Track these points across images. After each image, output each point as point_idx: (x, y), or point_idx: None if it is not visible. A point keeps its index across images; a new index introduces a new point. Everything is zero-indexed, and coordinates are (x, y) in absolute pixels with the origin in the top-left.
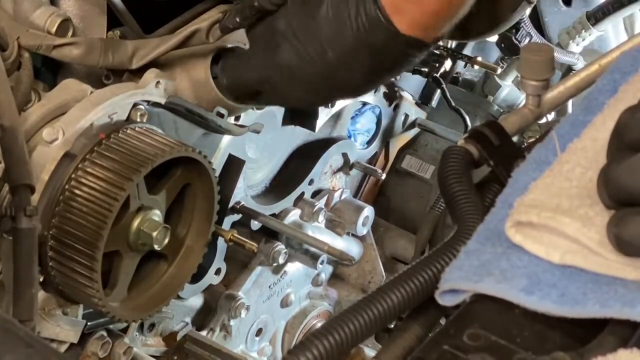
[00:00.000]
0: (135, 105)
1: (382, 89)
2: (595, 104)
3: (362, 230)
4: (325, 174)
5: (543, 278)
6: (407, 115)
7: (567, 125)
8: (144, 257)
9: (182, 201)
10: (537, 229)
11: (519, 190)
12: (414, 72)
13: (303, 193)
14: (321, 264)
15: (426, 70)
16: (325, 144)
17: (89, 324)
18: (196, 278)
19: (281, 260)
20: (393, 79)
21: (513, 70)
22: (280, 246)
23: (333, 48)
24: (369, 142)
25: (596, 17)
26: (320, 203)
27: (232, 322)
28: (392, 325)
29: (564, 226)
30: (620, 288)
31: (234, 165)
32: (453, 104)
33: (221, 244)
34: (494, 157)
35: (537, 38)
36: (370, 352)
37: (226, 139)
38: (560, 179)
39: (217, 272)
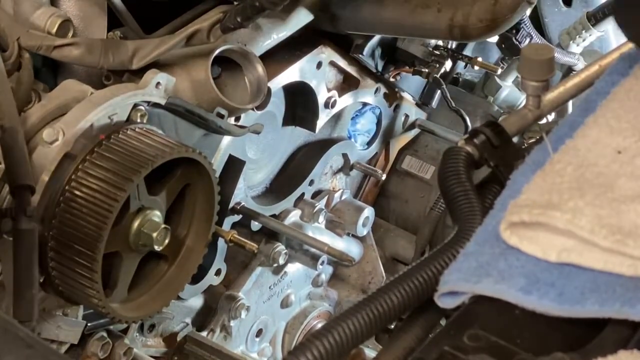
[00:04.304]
0: (135, 105)
1: (383, 89)
2: (593, 105)
3: (363, 230)
4: (326, 175)
5: (541, 277)
6: (407, 116)
7: (565, 127)
8: (144, 257)
9: (182, 202)
10: (532, 229)
11: (515, 192)
12: (414, 72)
13: (303, 194)
14: (321, 264)
15: (426, 71)
16: (325, 144)
17: (89, 324)
18: (196, 279)
19: (281, 261)
20: (394, 79)
21: (513, 70)
22: (280, 247)
23: None
24: (369, 143)
25: (596, 17)
26: (321, 204)
27: (232, 323)
28: (393, 326)
29: (554, 220)
30: (619, 287)
31: (234, 166)
32: (453, 104)
33: (221, 244)
34: (494, 158)
35: (537, 39)
36: (370, 352)
37: (226, 139)
38: (552, 176)
39: (218, 272)
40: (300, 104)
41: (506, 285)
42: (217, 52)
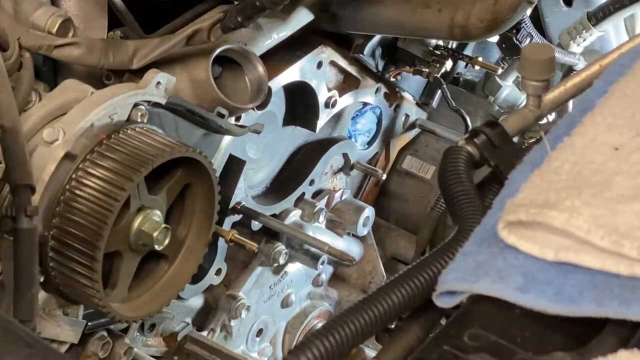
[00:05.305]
0: (135, 105)
1: (383, 89)
2: (591, 104)
3: (363, 230)
4: (326, 175)
5: (538, 276)
6: (407, 116)
7: (563, 126)
8: (144, 257)
9: (182, 201)
10: (529, 228)
11: (513, 192)
12: (415, 72)
13: (304, 193)
14: (322, 264)
15: (427, 70)
16: (325, 144)
17: (89, 324)
18: (197, 278)
19: (282, 261)
20: (394, 79)
21: (514, 70)
22: (280, 246)
23: None
24: (370, 143)
25: (597, 17)
26: (321, 203)
27: (232, 323)
28: (393, 326)
29: (551, 220)
30: (617, 287)
31: (234, 166)
32: (454, 104)
33: (222, 244)
34: (495, 158)
35: (537, 38)
36: (370, 352)
37: (227, 139)
38: (549, 174)
39: (218, 272)
40: (300, 103)
41: (504, 284)
42: (217, 51)
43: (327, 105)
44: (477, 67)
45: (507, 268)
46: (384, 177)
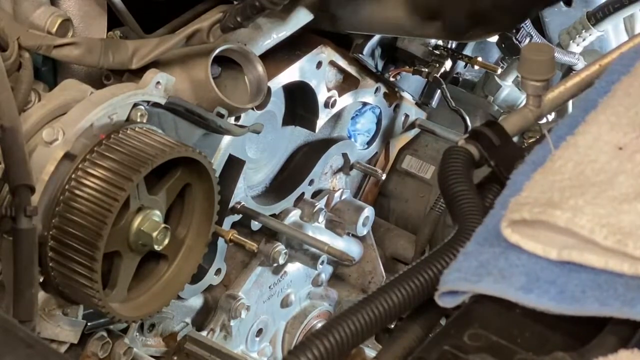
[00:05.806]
0: (135, 105)
1: (382, 89)
2: (593, 104)
3: (363, 230)
4: (326, 175)
5: (541, 275)
6: (407, 116)
7: (565, 126)
8: (144, 257)
9: (182, 201)
10: (533, 227)
11: (515, 191)
12: (414, 72)
13: (303, 193)
14: (321, 264)
15: (426, 70)
16: (325, 144)
17: (89, 324)
18: (196, 278)
19: (281, 261)
20: (394, 79)
21: (513, 70)
22: (280, 246)
23: None
24: (369, 143)
25: (596, 17)
26: (321, 203)
27: (232, 323)
28: (393, 326)
29: (555, 219)
30: (620, 287)
31: (234, 166)
32: (453, 104)
33: (221, 244)
34: (495, 158)
35: (537, 38)
36: (370, 352)
37: (226, 139)
38: (553, 173)
39: (218, 272)
40: (300, 103)
41: (506, 284)
42: (217, 51)
43: (326, 105)
44: (476, 67)
45: (510, 268)
46: (384, 177)
